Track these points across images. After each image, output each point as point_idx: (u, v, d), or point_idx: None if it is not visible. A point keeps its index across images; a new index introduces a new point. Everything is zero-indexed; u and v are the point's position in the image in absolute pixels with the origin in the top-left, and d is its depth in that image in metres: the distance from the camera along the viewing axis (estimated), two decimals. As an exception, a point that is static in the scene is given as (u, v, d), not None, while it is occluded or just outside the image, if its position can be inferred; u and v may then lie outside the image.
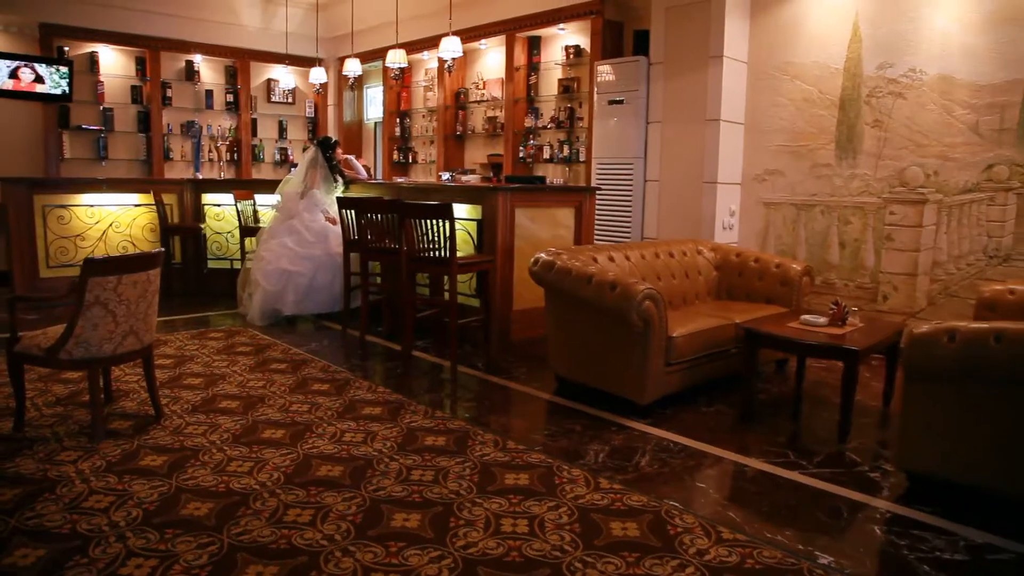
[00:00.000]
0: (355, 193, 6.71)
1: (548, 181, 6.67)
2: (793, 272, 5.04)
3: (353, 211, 5.44)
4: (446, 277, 5.28)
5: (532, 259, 4.46)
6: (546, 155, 7.84)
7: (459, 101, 9.07)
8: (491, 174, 8.36)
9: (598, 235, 6.73)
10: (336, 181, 6.74)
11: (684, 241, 5.44)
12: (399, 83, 9.76)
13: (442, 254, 4.72)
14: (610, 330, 4.08)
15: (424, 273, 5.49)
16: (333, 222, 6.33)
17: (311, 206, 6.52)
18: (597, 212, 6.51)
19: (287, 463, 3.26)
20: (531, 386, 4.58)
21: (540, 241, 5.63)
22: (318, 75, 8.88)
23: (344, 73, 8.58)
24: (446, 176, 8.62)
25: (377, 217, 5.23)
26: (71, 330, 3.36)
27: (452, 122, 9.07)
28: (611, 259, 4.71)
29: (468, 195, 5.62)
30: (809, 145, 5.97)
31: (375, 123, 10.74)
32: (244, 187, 7.41)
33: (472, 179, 8.44)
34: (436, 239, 4.72)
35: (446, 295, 5.54)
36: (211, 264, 7.74)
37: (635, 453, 3.51)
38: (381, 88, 10.12)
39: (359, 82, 10.59)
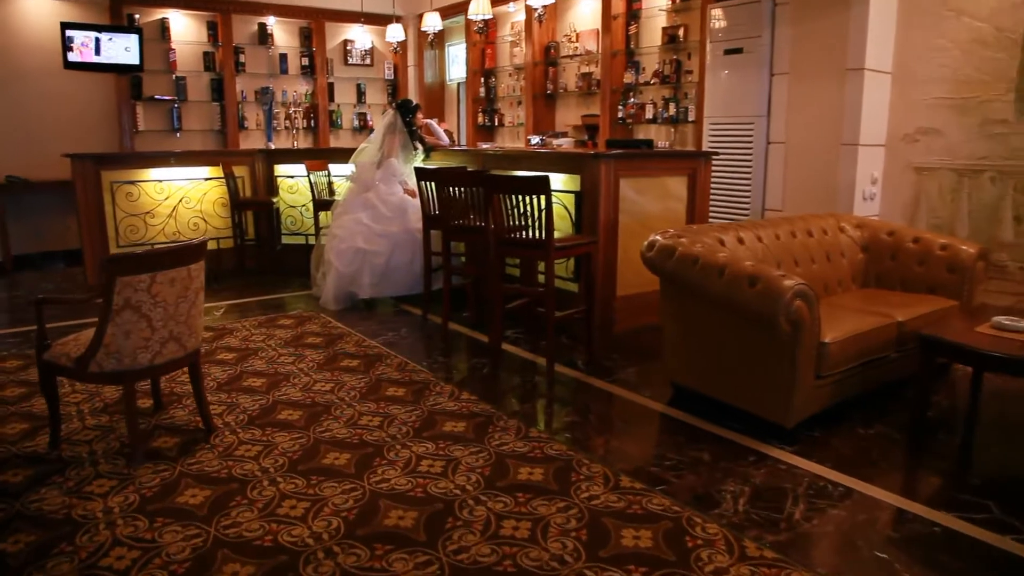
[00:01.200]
0: (435, 162, 6.05)
1: (655, 145, 5.82)
2: (965, 256, 4.08)
3: (433, 183, 4.77)
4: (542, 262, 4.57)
5: (646, 243, 3.68)
6: (648, 115, 6.96)
7: (549, 56, 8.23)
8: (586, 137, 7.55)
9: (712, 209, 5.85)
10: (416, 149, 6.09)
11: (823, 216, 4.53)
12: (483, 38, 9.00)
13: (536, 235, 3.99)
14: (745, 333, 3.28)
15: (515, 258, 4.80)
16: (412, 195, 5.69)
17: (388, 177, 5.90)
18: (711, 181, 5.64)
19: (350, 504, 2.64)
20: (641, 394, 3.84)
21: (647, 217, 4.83)
22: (395, 33, 8.21)
23: (423, 29, 7.89)
24: (535, 140, 7.86)
25: (459, 191, 4.54)
26: (99, 340, 2.83)
27: (541, 80, 8.26)
28: (740, 240, 3.88)
29: (564, 163, 4.85)
30: (979, 97, 4.90)
31: (458, 84, 10.03)
32: (317, 157, 6.86)
33: (565, 143, 7.65)
34: (529, 217, 3.99)
35: (540, 279, 4.84)
36: (285, 240, 7.27)
37: (784, 498, 2.73)
38: (464, 45, 9.38)
39: (440, 39, 9.89)
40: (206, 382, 3.74)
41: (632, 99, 7.13)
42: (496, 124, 9.04)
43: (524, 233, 4.05)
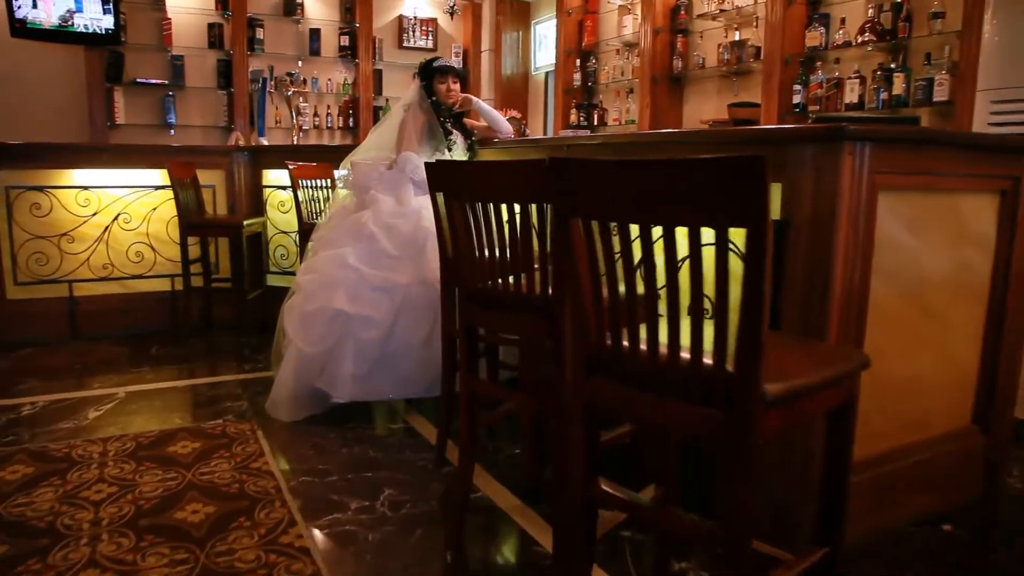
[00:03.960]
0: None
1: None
2: None
3: (443, 196, 2.20)
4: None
5: None
6: (851, 96, 4.18)
7: (676, 21, 5.58)
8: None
9: None
10: (449, 139, 3.59)
11: None
12: (582, 7, 6.47)
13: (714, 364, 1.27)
14: None
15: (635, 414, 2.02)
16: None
17: (397, 185, 3.42)
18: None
19: None
20: None
21: (928, 281, 2.12)
22: None
23: None
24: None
25: (493, 214, 1.98)
26: None
27: (664, 56, 5.61)
28: None
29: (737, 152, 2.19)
30: None
31: (545, 73, 7.51)
32: (314, 157, 4.45)
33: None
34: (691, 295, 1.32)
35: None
36: (272, 280, 4.90)
37: None
38: (554, 22, 6.86)
39: (523, 16, 7.43)
40: None
41: (818, 74, 4.37)
42: (596, 122, 6.44)
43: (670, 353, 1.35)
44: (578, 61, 6.58)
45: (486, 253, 2.05)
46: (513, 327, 2.13)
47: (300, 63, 6.94)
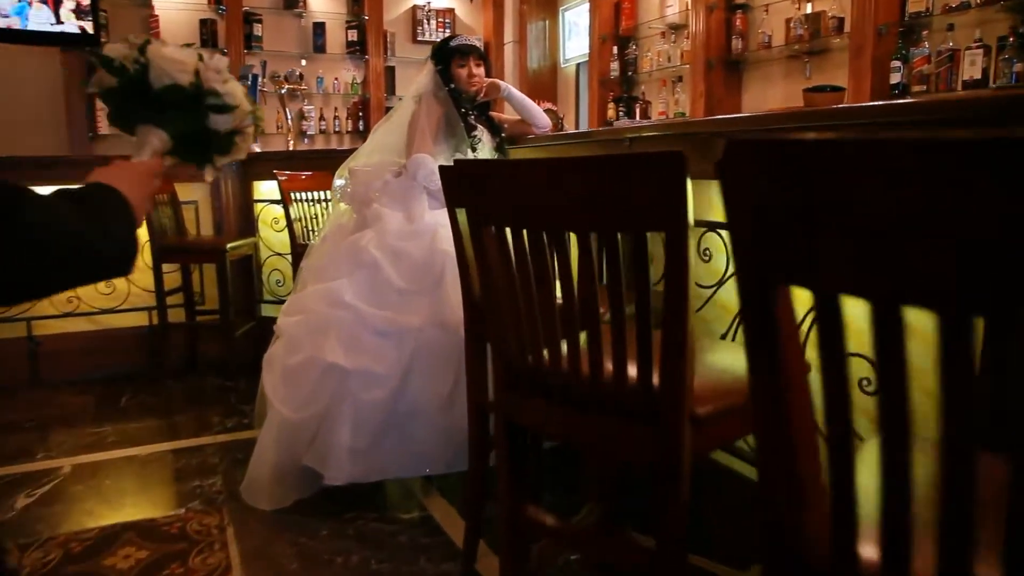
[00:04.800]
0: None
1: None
2: None
3: (465, 211, 1.43)
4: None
5: None
6: (969, 72, 3.35)
7: (732, -2, 4.79)
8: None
9: None
10: (473, 136, 2.85)
11: None
12: (618, -13, 5.72)
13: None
14: None
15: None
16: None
17: (408, 196, 2.69)
18: None
19: None
20: None
21: None
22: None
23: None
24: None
25: (546, 243, 1.21)
26: None
27: (719, 37, 4.80)
28: None
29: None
30: None
31: (576, 65, 6.74)
32: (313, 164, 3.73)
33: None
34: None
35: None
36: (268, 311, 4.19)
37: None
38: (586, 6, 6.10)
39: (552, 4, 6.68)
40: None
41: (924, 46, 3.55)
42: (638, 117, 5.65)
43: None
44: (615, 49, 5.80)
45: (537, 309, 1.28)
46: (586, 435, 1.33)
47: (304, 61, 6.25)
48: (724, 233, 2.02)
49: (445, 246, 2.47)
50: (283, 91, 4.68)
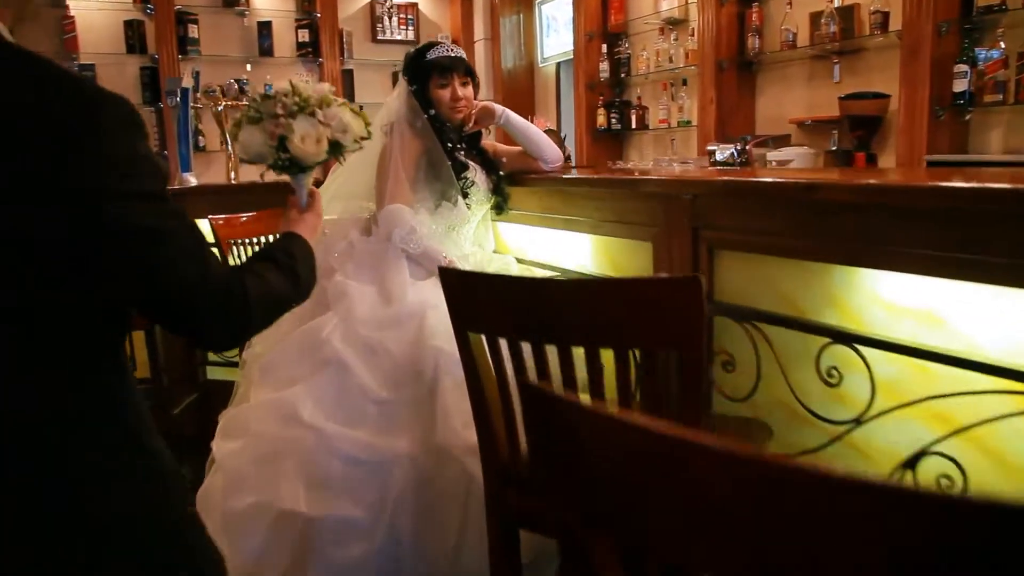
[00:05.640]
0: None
1: None
2: None
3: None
4: None
5: None
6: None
7: (744, -12, 4.16)
8: (856, 145, 3.45)
9: None
10: (463, 177, 2.20)
11: None
12: (606, -24, 5.06)
13: None
14: None
15: None
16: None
17: (380, 263, 2.04)
18: None
19: None
20: None
21: None
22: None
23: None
24: (723, 154, 3.82)
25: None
26: None
27: (729, 35, 4.17)
28: None
29: None
30: None
31: (556, 65, 6.06)
32: (260, 201, 3.02)
33: (783, 158, 3.61)
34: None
35: None
36: (213, 373, 3.49)
37: None
38: (567, 0, 5.43)
39: (527, -5, 6.02)
40: None
41: (999, 47, 2.96)
42: (631, 126, 5.00)
43: None
44: (603, 47, 5.14)
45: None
46: None
47: (249, 66, 5.49)
48: (863, 349, 1.36)
49: (440, 343, 1.81)
50: (220, 108, 3.91)
